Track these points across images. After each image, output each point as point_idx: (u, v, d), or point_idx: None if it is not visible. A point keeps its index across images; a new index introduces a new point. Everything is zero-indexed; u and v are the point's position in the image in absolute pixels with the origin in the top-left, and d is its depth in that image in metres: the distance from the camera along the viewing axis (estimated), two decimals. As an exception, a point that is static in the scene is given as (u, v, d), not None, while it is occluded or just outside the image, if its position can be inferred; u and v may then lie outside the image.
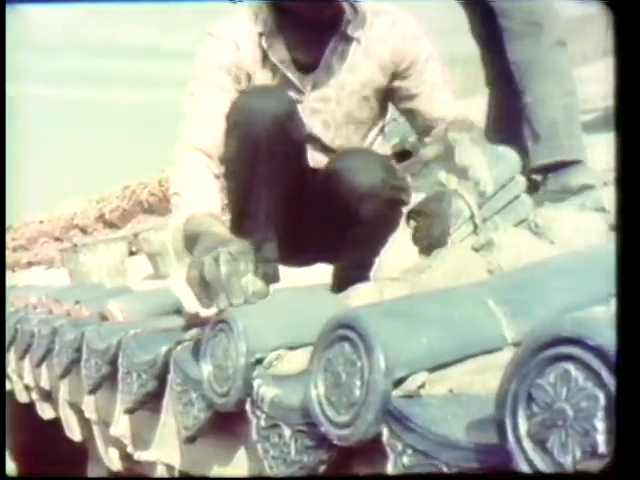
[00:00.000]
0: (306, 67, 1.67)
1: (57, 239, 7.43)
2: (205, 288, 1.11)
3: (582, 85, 2.59)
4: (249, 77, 1.66)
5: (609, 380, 0.51)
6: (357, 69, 1.67)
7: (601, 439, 0.51)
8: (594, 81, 2.66)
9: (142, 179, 6.70)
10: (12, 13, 0.93)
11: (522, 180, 1.71)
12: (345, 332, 0.78)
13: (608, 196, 1.45)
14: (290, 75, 1.66)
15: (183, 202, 1.48)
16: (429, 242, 1.47)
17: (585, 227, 1.37)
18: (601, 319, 0.54)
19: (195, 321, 1.68)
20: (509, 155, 1.71)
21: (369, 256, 1.53)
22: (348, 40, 1.65)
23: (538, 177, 2.26)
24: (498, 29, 2.33)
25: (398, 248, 1.54)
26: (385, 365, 0.73)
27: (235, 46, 1.64)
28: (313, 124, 1.69)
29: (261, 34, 1.65)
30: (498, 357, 0.81)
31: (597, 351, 0.52)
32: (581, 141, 2.25)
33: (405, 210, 1.64)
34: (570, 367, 0.54)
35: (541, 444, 0.55)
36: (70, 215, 7.55)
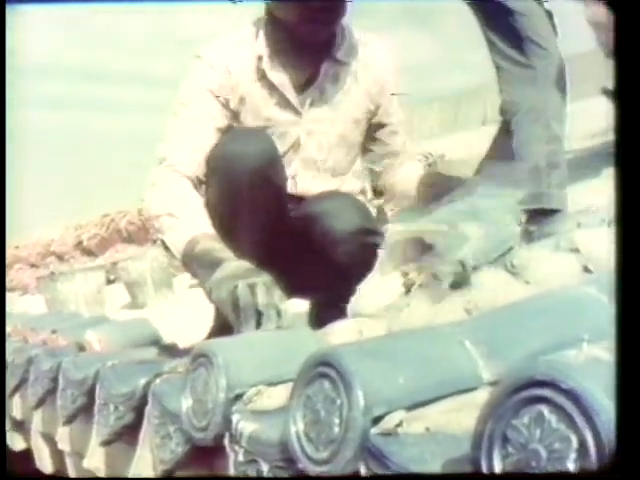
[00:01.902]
0: (301, 87, 1.71)
1: (33, 265, 7.36)
2: (237, 311, 1.23)
3: (575, 121, 2.66)
4: (242, 99, 1.69)
5: (581, 422, 0.53)
6: (348, 92, 1.72)
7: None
8: (568, 123, 2.72)
9: (122, 207, 6.69)
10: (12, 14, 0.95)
11: (518, 231, 1.75)
12: (325, 369, 0.79)
13: (581, 237, 1.48)
14: (288, 95, 1.70)
15: (179, 223, 1.50)
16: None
17: (560, 267, 1.40)
18: (573, 363, 0.56)
19: (173, 352, 1.68)
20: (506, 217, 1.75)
21: (344, 296, 1.55)
22: (339, 64, 1.70)
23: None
24: (497, 67, 2.40)
25: (377, 285, 1.56)
26: (364, 403, 0.74)
27: (226, 70, 1.67)
28: (309, 146, 1.73)
29: (260, 57, 1.68)
30: (474, 396, 0.82)
31: (569, 394, 0.53)
32: (562, 189, 2.29)
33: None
34: (544, 409, 0.55)
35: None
36: (47, 241, 7.50)
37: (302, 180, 1.76)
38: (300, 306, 1.81)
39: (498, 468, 0.58)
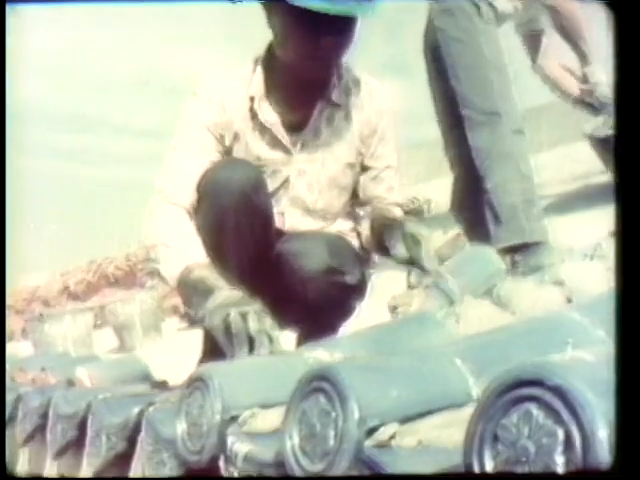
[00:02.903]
0: (294, 128, 1.75)
1: (18, 312, 7.32)
2: (229, 337, 1.28)
3: (538, 171, 2.73)
4: (236, 136, 1.73)
5: (567, 417, 0.56)
6: (341, 134, 1.75)
7: (560, 472, 0.55)
8: (549, 168, 2.81)
9: (108, 254, 6.71)
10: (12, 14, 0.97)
11: (503, 268, 1.79)
12: (320, 384, 0.82)
13: (566, 271, 1.53)
14: (279, 136, 1.74)
15: (174, 252, 1.53)
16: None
17: (544, 300, 1.44)
18: (558, 362, 0.59)
19: (164, 389, 1.69)
20: (492, 256, 1.80)
21: (324, 331, 1.58)
22: (334, 105, 1.74)
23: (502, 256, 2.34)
24: (460, 116, 2.46)
25: (364, 316, 1.60)
26: (359, 415, 0.77)
27: (221, 107, 1.72)
28: (298, 185, 1.77)
29: (252, 97, 1.73)
30: (464, 412, 0.85)
31: (555, 390, 0.56)
32: (541, 222, 2.35)
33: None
34: (531, 407, 0.58)
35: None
36: (32, 288, 7.47)
37: (290, 218, 1.79)
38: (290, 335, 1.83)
39: (489, 467, 0.61)
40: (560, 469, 0.55)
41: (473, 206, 2.49)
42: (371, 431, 0.78)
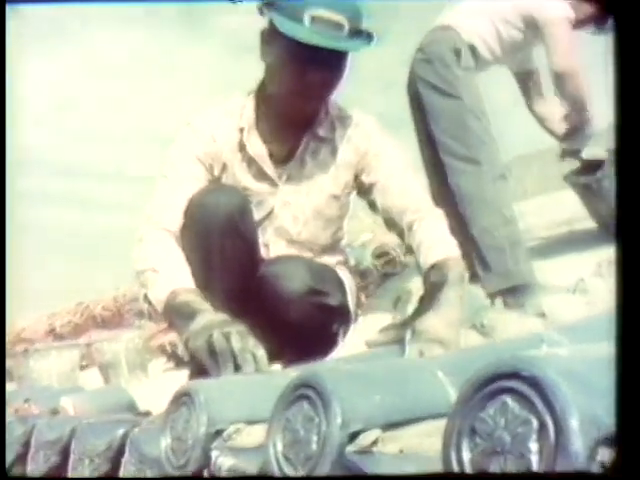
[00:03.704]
0: (280, 160, 1.79)
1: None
2: (214, 357, 1.31)
3: (523, 217, 2.78)
4: (224, 167, 1.77)
5: (540, 406, 0.58)
6: (326, 167, 1.79)
7: (534, 459, 0.57)
8: (534, 214, 2.86)
9: (96, 297, 6.69)
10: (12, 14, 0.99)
11: (488, 304, 1.83)
12: (304, 391, 0.84)
13: (548, 304, 1.56)
14: (265, 168, 1.77)
15: (161, 277, 1.55)
16: None
17: (527, 330, 1.47)
18: (534, 356, 0.62)
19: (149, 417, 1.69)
20: (476, 293, 1.83)
21: (307, 355, 1.60)
22: (320, 140, 1.78)
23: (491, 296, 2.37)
24: (441, 163, 2.51)
25: (349, 344, 1.62)
26: (341, 419, 0.78)
27: (211, 137, 1.76)
28: (283, 216, 1.79)
29: (242, 129, 1.77)
30: (444, 423, 0.87)
31: (530, 381, 0.59)
32: (528, 264, 2.38)
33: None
34: (507, 399, 0.61)
35: (484, 472, 0.61)
36: (18, 330, 7.41)
37: (274, 248, 1.82)
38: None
39: (466, 458, 0.63)
40: (534, 457, 0.57)
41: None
42: (354, 436, 0.80)
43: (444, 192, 2.51)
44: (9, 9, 1.01)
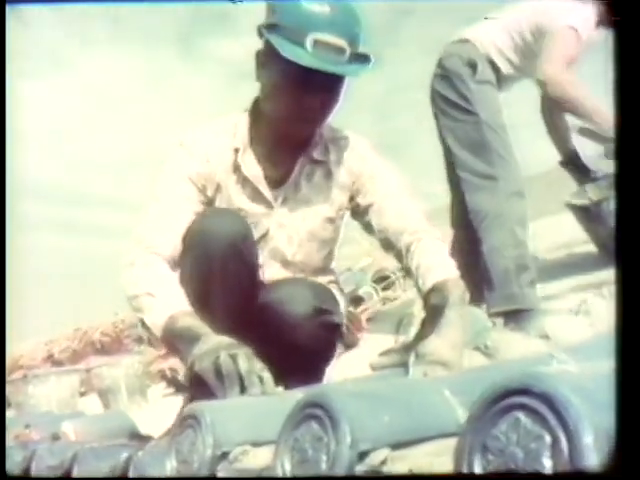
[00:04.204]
0: (275, 182, 1.78)
1: (-1, 381, 7.15)
2: (220, 378, 1.31)
3: (542, 236, 2.78)
4: (218, 187, 1.76)
5: (553, 421, 0.58)
6: (321, 190, 1.79)
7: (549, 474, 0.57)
8: (533, 237, 2.86)
9: (94, 322, 6.68)
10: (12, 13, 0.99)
11: (490, 326, 1.82)
12: (312, 410, 0.83)
13: (551, 325, 1.56)
14: (262, 189, 1.77)
15: (157, 302, 1.54)
16: None
17: (531, 352, 1.46)
18: (544, 372, 0.62)
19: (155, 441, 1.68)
20: (479, 315, 1.82)
21: (311, 375, 1.59)
22: (314, 162, 1.78)
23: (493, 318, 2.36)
24: (459, 178, 2.51)
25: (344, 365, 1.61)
26: (351, 438, 0.78)
27: (205, 158, 1.75)
28: (278, 237, 1.79)
29: (237, 150, 1.77)
30: (454, 442, 0.87)
31: (542, 397, 0.59)
32: (533, 289, 2.37)
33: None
34: (520, 415, 0.61)
35: (483, 472, 0.61)
36: (15, 357, 7.38)
37: (269, 270, 1.81)
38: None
39: (479, 475, 0.63)
40: (548, 472, 0.57)
41: (468, 267, 2.52)
42: (362, 456, 0.79)
43: (459, 206, 2.51)
44: (9, 9, 1.02)
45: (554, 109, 2.68)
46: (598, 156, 2.70)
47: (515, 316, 2.30)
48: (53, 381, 4.03)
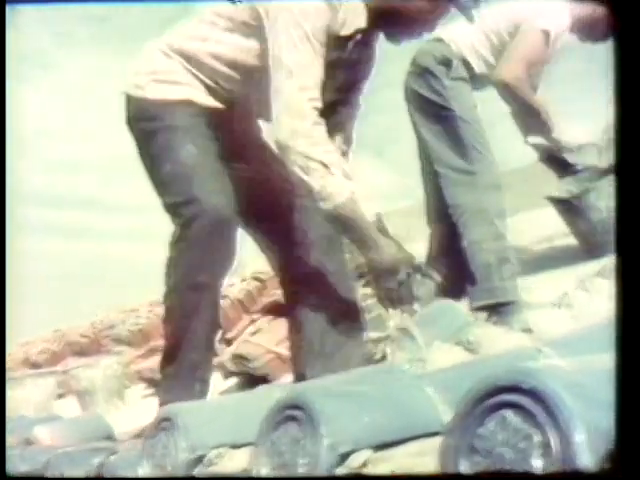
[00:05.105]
0: None
1: (-25, 385, 7.01)
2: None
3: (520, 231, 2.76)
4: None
5: (543, 419, 0.55)
6: None
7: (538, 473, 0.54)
8: (515, 231, 2.84)
9: (74, 323, 6.58)
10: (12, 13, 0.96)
11: (471, 321, 1.80)
12: (291, 412, 0.80)
13: (534, 319, 1.53)
14: None
15: (337, 180, 1.56)
16: None
17: (514, 346, 1.44)
18: (533, 367, 0.59)
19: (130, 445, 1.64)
20: (460, 310, 1.80)
21: None
22: None
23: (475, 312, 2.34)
24: (436, 174, 2.49)
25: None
26: (330, 440, 0.75)
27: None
28: None
29: None
30: (438, 441, 0.83)
31: (531, 393, 0.56)
32: (514, 281, 2.35)
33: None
34: (508, 413, 0.57)
35: (483, 472, 0.58)
36: (-9, 360, 7.22)
37: None
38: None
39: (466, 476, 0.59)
40: (537, 472, 0.54)
41: (449, 262, 2.49)
42: (343, 458, 0.76)
43: (441, 204, 2.49)
44: (9, 9, 0.99)
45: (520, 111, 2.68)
46: (577, 149, 2.68)
47: (498, 309, 2.27)
48: (30, 384, 3.94)
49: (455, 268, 2.39)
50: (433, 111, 2.50)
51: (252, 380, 2.87)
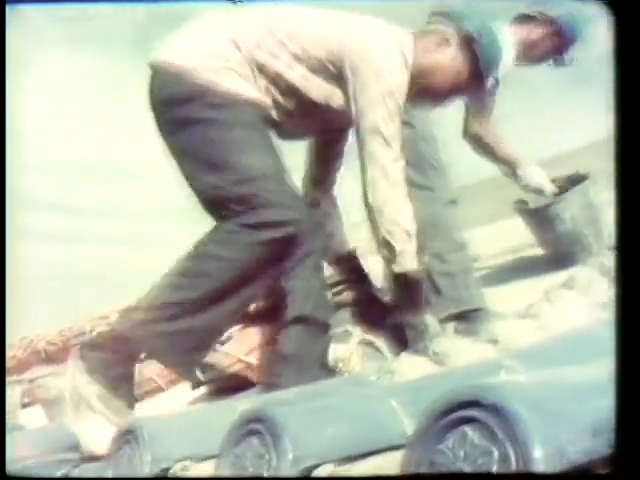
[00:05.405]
0: None
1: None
2: None
3: (472, 245, 2.79)
4: None
5: (502, 435, 0.55)
6: None
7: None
8: (482, 242, 2.87)
9: (40, 331, 6.47)
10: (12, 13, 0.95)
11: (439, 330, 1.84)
12: (254, 426, 0.80)
13: (500, 330, 1.55)
14: None
15: (413, 248, 1.75)
16: None
17: (480, 357, 1.45)
18: (493, 383, 0.59)
19: (92, 459, 1.62)
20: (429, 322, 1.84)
21: None
22: None
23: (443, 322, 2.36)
24: None
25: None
26: (293, 454, 0.75)
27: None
28: None
29: None
30: (400, 456, 0.84)
31: (491, 409, 0.56)
32: (478, 289, 2.38)
33: None
34: (467, 429, 0.58)
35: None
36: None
37: None
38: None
39: (426, 492, 0.60)
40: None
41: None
42: (307, 472, 0.76)
43: None
44: (9, 9, 0.97)
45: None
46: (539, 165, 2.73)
47: (465, 318, 2.29)
48: (-7, 393, 3.87)
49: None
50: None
51: (221, 390, 2.85)
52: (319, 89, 1.66)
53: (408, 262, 1.74)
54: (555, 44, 2.45)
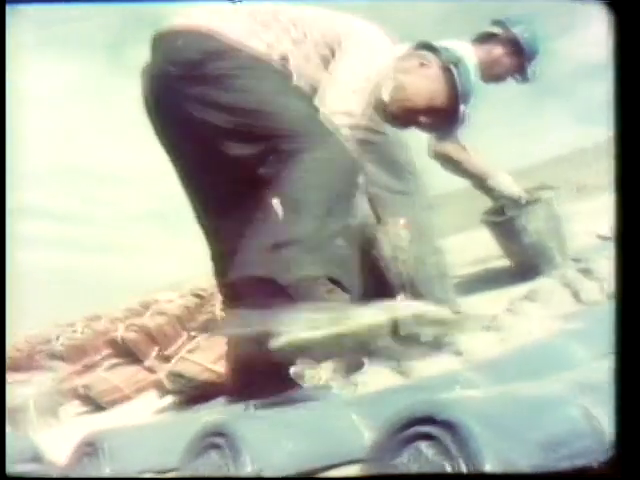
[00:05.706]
0: None
1: None
2: None
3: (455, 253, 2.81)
4: None
5: (455, 451, 0.56)
6: None
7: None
8: (450, 252, 2.90)
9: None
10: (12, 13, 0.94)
11: None
12: (214, 439, 0.80)
13: (464, 342, 1.56)
14: None
15: None
16: None
17: (443, 369, 1.46)
18: (448, 398, 0.60)
19: (54, 469, 1.60)
20: None
21: None
22: None
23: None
24: (369, 195, 2.53)
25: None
26: (251, 467, 0.75)
27: None
28: None
29: None
30: (359, 469, 0.84)
31: (444, 425, 0.57)
32: (454, 294, 2.40)
33: None
34: (422, 445, 0.59)
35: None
36: None
37: None
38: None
39: (380, 507, 0.60)
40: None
41: (389, 282, 2.52)
42: (265, 485, 0.76)
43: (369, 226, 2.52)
44: (9, 9, 0.97)
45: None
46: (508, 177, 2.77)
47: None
48: (-47, 402, 3.80)
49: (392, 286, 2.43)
50: (367, 135, 2.55)
51: (189, 399, 2.83)
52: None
53: None
54: (514, 62, 2.50)
